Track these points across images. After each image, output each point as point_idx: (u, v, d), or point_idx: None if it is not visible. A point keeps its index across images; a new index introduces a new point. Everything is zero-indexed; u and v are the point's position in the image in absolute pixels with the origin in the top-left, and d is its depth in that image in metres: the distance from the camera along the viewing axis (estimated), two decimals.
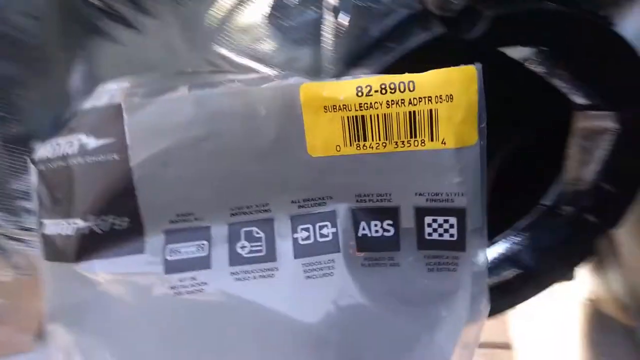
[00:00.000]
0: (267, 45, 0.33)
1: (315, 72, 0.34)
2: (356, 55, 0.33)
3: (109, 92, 0.31)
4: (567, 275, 0.44)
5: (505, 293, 0.44)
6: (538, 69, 0.34)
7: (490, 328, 0.70)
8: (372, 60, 0.32)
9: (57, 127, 0.32)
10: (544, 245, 0.44)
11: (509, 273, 0.44)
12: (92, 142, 0.30)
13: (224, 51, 0.33)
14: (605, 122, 0.37)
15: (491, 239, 0.45)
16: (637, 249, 0.54)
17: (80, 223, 0.31)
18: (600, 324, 0.53)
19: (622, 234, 0.58)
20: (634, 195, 0.40)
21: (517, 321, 0.66)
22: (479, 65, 0.29)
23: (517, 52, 0.33)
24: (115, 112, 0.30)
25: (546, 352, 0.61)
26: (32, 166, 0.32)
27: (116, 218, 0.31)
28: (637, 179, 0.39)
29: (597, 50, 0.33)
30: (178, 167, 0.31)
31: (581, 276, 0.58)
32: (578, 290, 0.59)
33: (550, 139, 0.43)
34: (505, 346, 0.63)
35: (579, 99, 0.36)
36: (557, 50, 0.33)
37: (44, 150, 0.31)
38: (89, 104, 0.31)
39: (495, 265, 0.45)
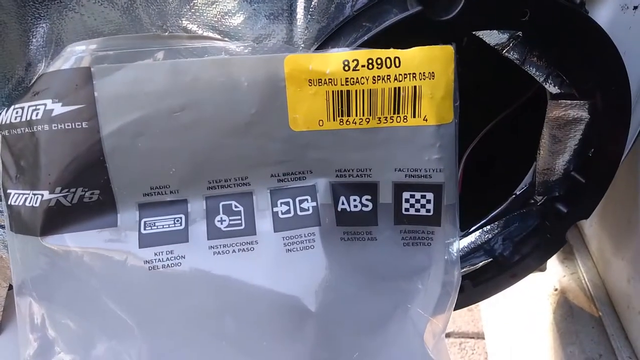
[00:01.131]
0: (237, 19, 0.32)
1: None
2: (330, 33, 0.33)
3: (76, 55, 0.31)
4: (539, 265, 0.47)
5: (479, 282, 0.46)
6: (513, 56, 0.36)
7: (462, 318, 0.73)
8: (346, 38, 0.33)
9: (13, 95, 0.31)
10: (515, 234, 0.47)
11: (480, 261, 0.46)
12: (58, 108, 0.31)
13: (189, 24, 0.32)
14: (578, 111, 0.40)
15: (467, 229, 0.47)
16: (607, 240, 0.58)
17: (46, 194, 0.31)
18: (568, 314, 0.56)
19: (592, 224, 0.62)
20: (604, 185, 0.43)
21: (487, 311, 0.69)
22: (454, 45, 0.31)
23: (493, 38, 0.35)
24: (83, 77, 0.30)
25: (516, 341, 0.64)
26: None
27: (85, 190, 0.32)
28: (608, 169, 0.42)
29: (571, 37, 0.36)
30: (152, 137, 0.32)
31: (550, 266, 0.62)
32: (547, 281, 0.62)
33: (524, 129, 0.45)
34: (477, 336, 0.66)
35: (553, 88, 0.39)
36: (531, 35, 0.35)
37: (7, 115, 0.31)
38: (54, 66, 0.31)
39: (468, 254, 0.47)
